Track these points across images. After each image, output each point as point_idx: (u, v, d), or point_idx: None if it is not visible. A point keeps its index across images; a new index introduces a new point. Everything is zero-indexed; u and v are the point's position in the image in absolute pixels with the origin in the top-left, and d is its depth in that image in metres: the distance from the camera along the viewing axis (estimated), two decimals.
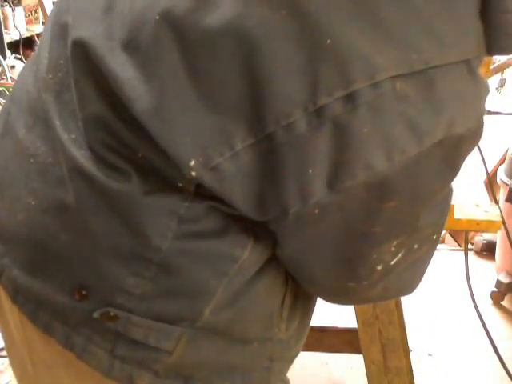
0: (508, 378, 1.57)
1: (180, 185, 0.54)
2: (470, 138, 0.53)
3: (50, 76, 0.60)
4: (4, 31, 3.25)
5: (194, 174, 0.51)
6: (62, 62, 0.59)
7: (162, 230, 0.54)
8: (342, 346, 1.48)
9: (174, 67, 0.50)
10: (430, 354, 1.95)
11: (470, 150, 0.55)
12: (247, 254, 0.57)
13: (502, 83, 2.24)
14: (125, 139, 0.54)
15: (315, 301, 0.72)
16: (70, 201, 0.56)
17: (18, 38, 3.39)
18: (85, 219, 0.56)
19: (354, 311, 1.24)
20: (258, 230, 0.57)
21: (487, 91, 0.53)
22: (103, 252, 0.56)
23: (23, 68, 0.71)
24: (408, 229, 0.57)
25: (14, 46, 3.39)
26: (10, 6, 3.37)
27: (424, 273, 0.66)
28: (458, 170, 0.56)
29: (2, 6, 3.36)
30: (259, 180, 0.51)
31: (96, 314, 0.57)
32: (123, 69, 0.52)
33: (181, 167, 0.51)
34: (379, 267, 0.58)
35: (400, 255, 0.58)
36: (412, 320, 1.82)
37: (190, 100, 0.50)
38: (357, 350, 1.32)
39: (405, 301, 1.35)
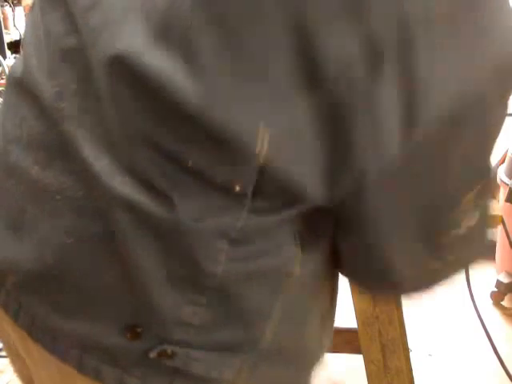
0: (508, 379, 1.57)
1: (234, 193, 0.50)
2: None
3: (64, 104, 0.55)
4: (4, 31, 3.24)
5: (263, 152, 0.48)
6: (74, 86, 0.55)
7: (214, 254, 0.52)
8: (342, 346, 1.48)
9: (214, 48, 0.48)
10: (430, 354, 1.95)
11: None
12: (298, 268, 0.55)
13: None
14: (172, 149, 0.50)
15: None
16: (112, 234, 0.53)
17: (18, 38, 3.38)
18: (131, 251, 0.52)
19: (354, 311, 1.24)
20: (308, 241, 0.55)
21: None
22: (155, 283, 0.52)
23: (4, 98, 0.64)
24: (480, 172, 0.56)
25: (14, 46, 3.38)
26: (10, 6, 3.37)
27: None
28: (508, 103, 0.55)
29: (2, 6, 3.35)
30: (329, 149, 0.49)
31: (152, 354, 0.53)
32: (164, 65, 0.49)
33: (248, 152, 0.48)
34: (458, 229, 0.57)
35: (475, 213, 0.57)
36: (412, 320, 1.82)
37: (240, 78, 0.48)
38: (357, 350, 1.31)
39: (405, 301, 1.35)
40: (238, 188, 0.50)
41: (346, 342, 1.46)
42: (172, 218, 0.51)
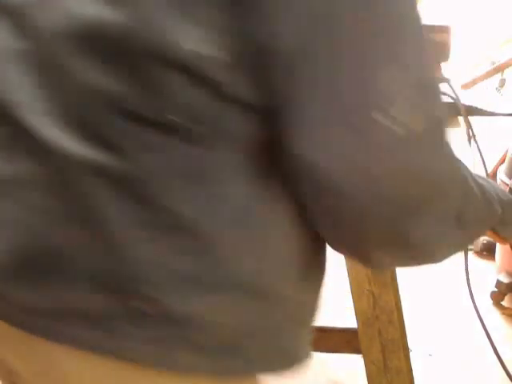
0: (508, 379, 1.57)
1: (176, 129, 0.54)
2: None
3: (13, 96, 0.59)
4: None
5: (192, 54, 0.52)
6: (20, 79, 0.59)
7: (175, 194, 0.55)
8: (342, 346, 1.48)
9: None
10: (430, 354, 1.96)
11: None
12: (249, 199, 0.58)
13: (502, 83, 2.23)
14: (116, 95, 0.54)
15: (324, 266, 0.70)
16: (74, 201, 0.55)
17: None
18: (97, 211, 0.55)
19: (354, 311, 1.24)
20: (260, 174, 0.58)
21: None
22: (127, 236, 0.55)
23: None
24: (391, 55, 0.55)
25: None
26: None
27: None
28: None
29: None
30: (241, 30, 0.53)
31: (132, 303, 0.55)
32: (100, 11, 0.54)
33: (176, 57, 0.53)
34: (384, 118, 0.54)
35: (403, 110, 0.55)
36: (412, 320, 1.82)
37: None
38: (357, 350, 1.32)
39: (405, 301, 1.35)
40: (176, 120, 0.54)
41: (346, 341, 1.46)
42: (129, 169, 0.54)
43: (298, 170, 0.58)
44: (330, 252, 0.69)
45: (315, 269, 0.68)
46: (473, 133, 1.20)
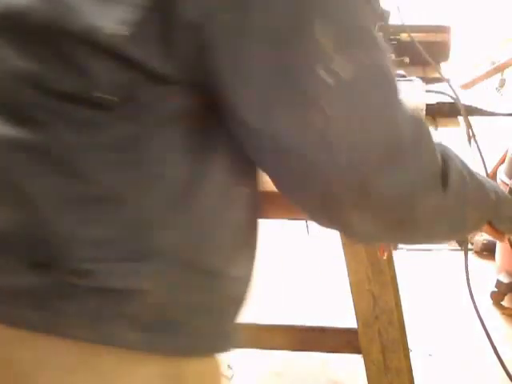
0: (508, 379, 1.57)
1: (96, 103, 0.55)
2: None
3: None
4: None
5: (115, 39, 0.53)
6: None
7: (99, 166, 0.55)
8: (342, 346, 1.48)
9: None
10: (430, 354, 1.96)
11: None
12: (188, 175, 0.58)
13: (502, 83, 2.24)
14: (37, 73, 0.55)
15: (256, 243, 0.70)
16: (3, 179, 0.56)
17: None
18: (26, 189, 0.56)
19: (354, 311, 1.24)
20: (200, 147, 0.58)
21: None
22: (54, 210, 0.55)
23: None
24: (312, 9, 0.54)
25: None
26: None
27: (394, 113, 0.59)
28: None
29: None
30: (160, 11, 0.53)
31: (68, 278, 0.55)
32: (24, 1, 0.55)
33: (103, 43, 0.53)
34: (321, 71, 0.54)
35: (339, 61, 0.55)
36: (412, 320, 1.82)
37: None
38: (357, 350, 1.32)
39: (405, 301, 1.35)
40: (105, 97, 0.54)
41: (346, 341, 1.46)
42: (54, 144, 0.55)
43: (247, 138, 0.58)
44: (329, 252, 0.68)
45: (249, 244, 0.68)
46: (473, 133, 1.20)
